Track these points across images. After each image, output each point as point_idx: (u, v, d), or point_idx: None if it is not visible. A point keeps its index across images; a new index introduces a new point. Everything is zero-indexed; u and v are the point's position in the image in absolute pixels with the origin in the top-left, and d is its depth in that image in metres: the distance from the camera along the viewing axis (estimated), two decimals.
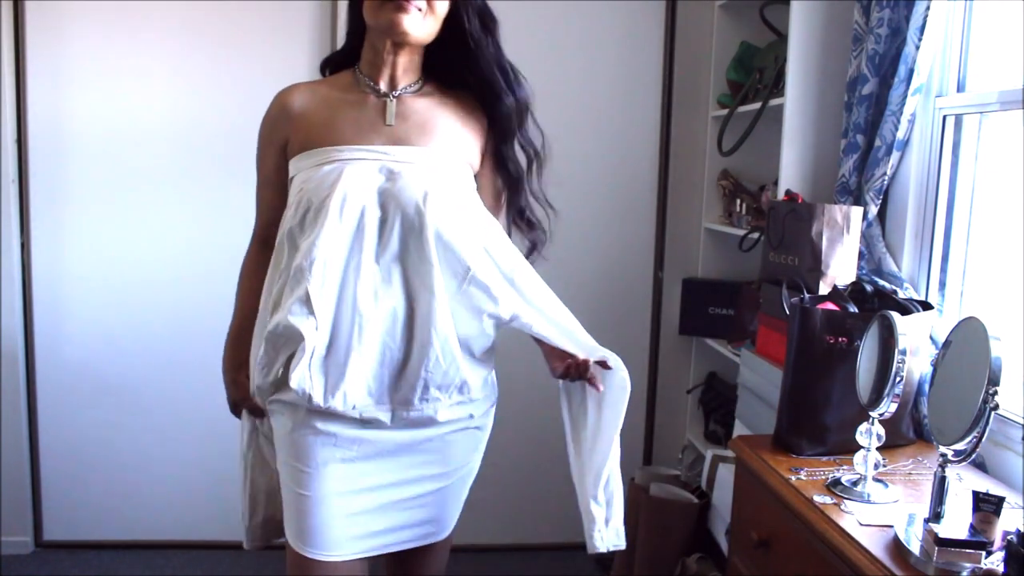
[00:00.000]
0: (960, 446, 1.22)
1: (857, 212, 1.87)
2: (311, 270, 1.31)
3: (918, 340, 1.61)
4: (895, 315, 1.42)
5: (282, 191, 1.46)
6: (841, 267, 1.86)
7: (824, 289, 1.82)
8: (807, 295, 1.74)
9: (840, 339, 1.58)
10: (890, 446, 1.53)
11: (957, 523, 1.20)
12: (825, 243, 1.85)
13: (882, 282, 1.85)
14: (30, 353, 2.66)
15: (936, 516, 1.23)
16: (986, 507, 1.20)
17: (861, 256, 1.92)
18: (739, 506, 1.72)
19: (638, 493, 2.38)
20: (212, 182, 2.63)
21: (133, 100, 2.58)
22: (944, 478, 1.23)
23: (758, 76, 2.39)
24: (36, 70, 2.55)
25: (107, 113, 2.58)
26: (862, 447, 1.43)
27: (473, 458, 1.55)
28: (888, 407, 1.39)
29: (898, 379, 1.37)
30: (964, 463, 1.24)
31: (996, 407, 1.17)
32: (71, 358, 2.67)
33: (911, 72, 1.79)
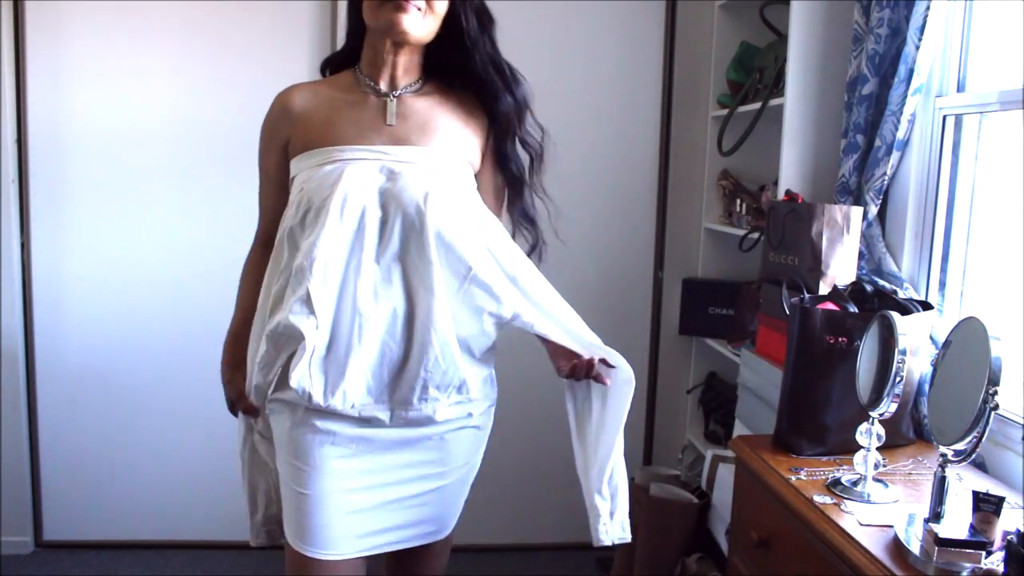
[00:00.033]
0: (960, 446, 1.22)
1: (857, 212, 1.87)
2: (312, 269, 1.31)
3: (918, 340, 1.61)
4: (895, 315, 1.42)
5: (284, 191, 1.46)
6: (841, 267, 1.86)
7: (824, 289, 1.82)
8: (807, 295, 1.74)
9: (840, 339, 1.58)
10: (890, 446, 1.53)
11: (957, 523, 1.19)
12: (825, 243, 1.85)
13: (882, 282, 1.85)
14: (30, 353, 2.66)
15: (936, 516, 1.23)
16: (986, 507, 1.20)
17: (861, 256, 1.92)
18: (739, 506, 1.72)
19: (638, 493, 2.38)
20: (212, 182, 2.63)
21: (133, 100, 2.58)
22: (944, 478, 1.23)
23: (758, 76, 2.39)
24: (36, 70, 2.55)
25: (107, 113, 2.58)
26: (862, 447, 1.43)
27: (473, 457, 1.55)
28: (888, 407, 1.39)
29: (898, 379, 1.37)
30: (964, 463, 1.24)
31: (996, 407, 1.17)
32: (71, 358, 2.67)
33: (911, 72, 1.79)
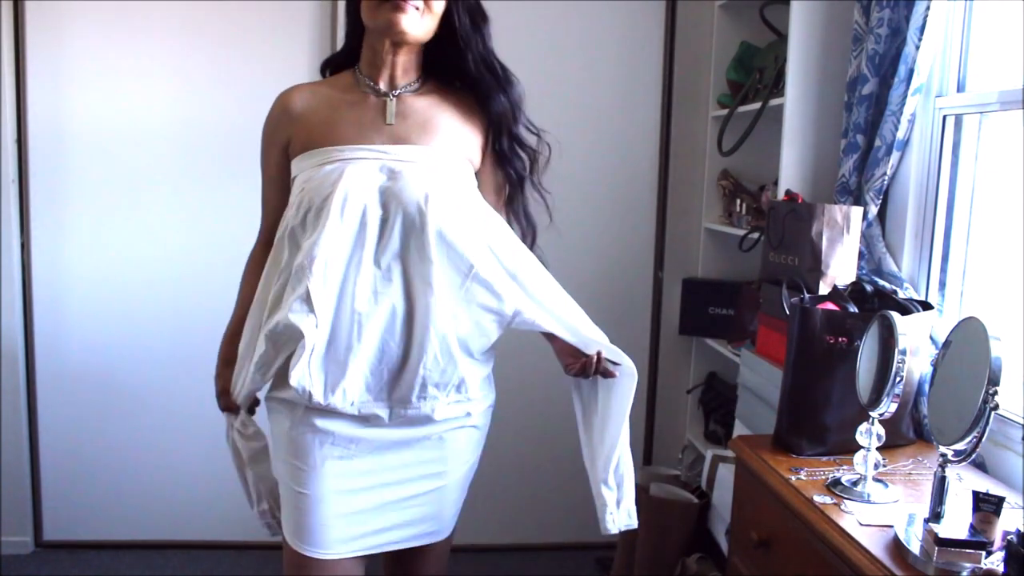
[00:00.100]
0: (960, 446, 1.22)
1: (857, 212, 1.87)
2: (312, 268, 1.31)
3: (918, 340, 1.61)
4: (895, 315, 1.42)
5: (286, 191, 1.47)
6: (841, 267, 1.86)
7: (824, 289, 1.82)
8: (807, 295, 1.74)
9: (840, 339, 1.58)
10: (890, 446, 1.53)
11: (957, 523, 1.19)
12: (825, 243, 1.85)
13: (882, 282, 1.85)
14: (30, 353, 2.66)
15: (936, 516, 1.23)
16: (986, 507, 1.19)
17: (861, 256, 1.92)
18: (739, 506, 1.72)
19: (638, 493, 2.36)
20: (212, 182, 2.63)
21: (133, 100, 2.58)
22: (944, 478, 1.23)
23: (758, 76, 2.39)
24: (36, 70, 2.54)
25: (107, 113, 2.58)
26: (862, 447, 1.43)
27: (471, 457, 1.55)
28: (888, 407, 1.39)
29: (898, 379, 1.37)
30: (964, 463, 1.24)
31: (996, 407, 1.17)
32: (71, 358, 2.67)
33: (911, 72, 1.79)
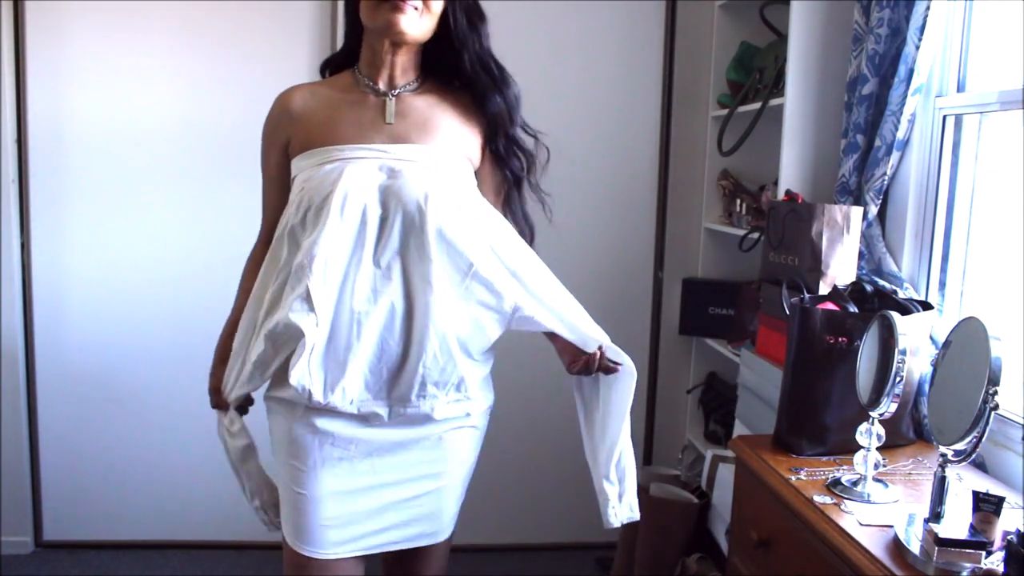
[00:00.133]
0: (960, 446, 1.22)
1: (857, 212, 1.87)
2: (312, 267, 1.31)
3: (918, 340, 1.61)
4: (895, 315, 1.42)
5: (286, 191, 1.47)
6: (841, 267, 1.86)
7: (824, 289, 1.82)
8: (807, 295, 1.74)
9: (840, 339, 1.58)
10: (890, 446, 1.53)
11: (957, 523, 1.19)
12: (825, 243, 1.85)
13: (882, 282, 1.85)
14: (30, 353, 2.66)
15: (936, 516, 1.23)
16: (986, 507, 1.19)
17: (861, 256, 1.92)
18: (739, 506, 1.72)
19: (638, 493, 2.37)
20: (212, 182, 2.63)
21: (133, 100, 2.58)
22: (944, 478, 1.23)
23: (758, 76, 2.39)
24: (36, 70, 2.54)
25: (107, 113, 2.58)
26: (862, 447, 1.43)
27: (470, 458, 1.55)
28: (888, 407, 1.39)
29: (898, 379, 1.37)
30: (964, 463, 1.24)
31: (996, 407, 1.17)
32: (71, 358, 2.67)
33: (911, 72, 1.79)
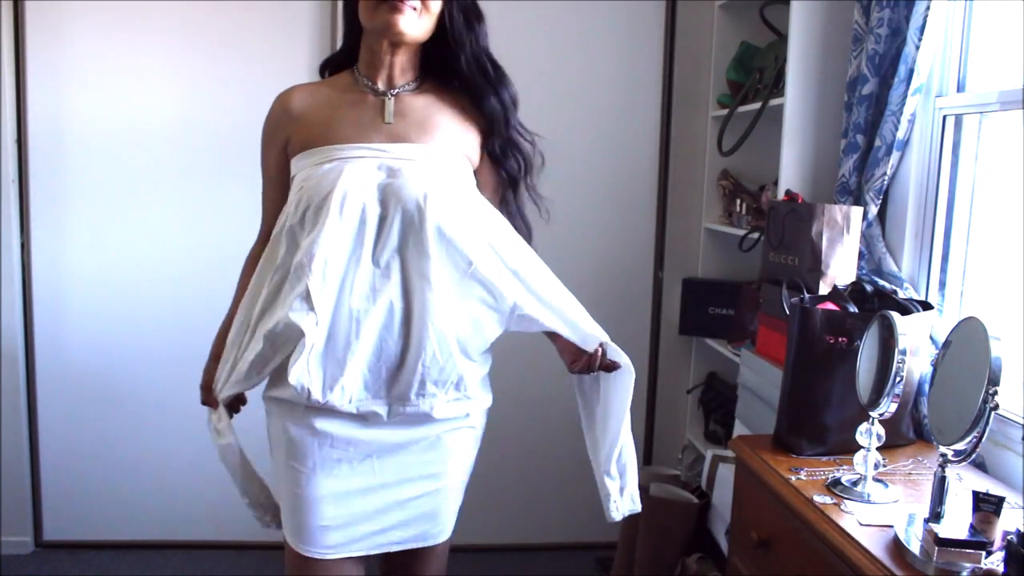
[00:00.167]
0: (960, 446, 1.22)
1: (857, 212, 1.87)
2: (311, 266, 1.31)
3: (918, 340, 1.61)
4: (895, 315, 1.42)
5: (286, 190, 1.47)
6: (841, 267, 1.86)
7: (824, 289, 1.82)
8: (807, 295, 1.74)
9: (840, 339, 1.58)
10: (890, 446, 1.53)
11: (957, 523, 1.20)
12: (825, 243, 1.85)
13: (882, 282, 1.85)
14: (30, 353, 2.66)
15: (936, 516, 1.23)
16: (986, 507, 1.20)
17: (861, 256, 1.92)
18: (739, 506, 1.72)
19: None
20: (212, 182, 2.63)
21: (133, 100, 2.58)
22: (944, 478, 1.23)
23: (758, 76, 2.39)
24: (36, 70, 2.54)
25: (107, 113, 2.58)
26: (862, 447, 1.43)
27: (468, 458, 1.55)
28: (888, 407, 1.39)
29: (898, 379, 1.37)
30: (964, 463, 1.24)
31: (996, 407, 1.17)
32: (71, 358, 2.67)
33: (911, 72, 1.79)
